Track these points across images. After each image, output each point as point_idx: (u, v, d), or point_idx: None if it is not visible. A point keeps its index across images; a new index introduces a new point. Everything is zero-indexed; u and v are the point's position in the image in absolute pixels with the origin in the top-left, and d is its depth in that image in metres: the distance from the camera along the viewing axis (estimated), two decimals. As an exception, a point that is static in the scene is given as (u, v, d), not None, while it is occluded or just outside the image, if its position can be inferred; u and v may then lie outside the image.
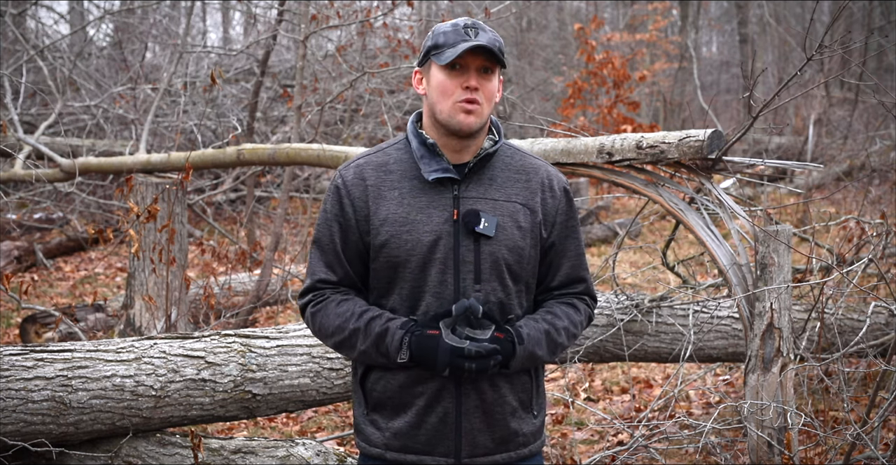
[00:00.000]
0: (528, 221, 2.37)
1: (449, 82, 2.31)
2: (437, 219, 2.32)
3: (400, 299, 2.35)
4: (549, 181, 2.43)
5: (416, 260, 2.31)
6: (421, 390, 2.32)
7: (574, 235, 2.46)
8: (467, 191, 2.35)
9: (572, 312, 2.44)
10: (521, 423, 2.40)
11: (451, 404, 2.32)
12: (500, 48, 2.32)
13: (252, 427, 5.41)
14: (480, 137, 2.38)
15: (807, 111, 14.08)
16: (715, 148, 3.67)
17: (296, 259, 8.46)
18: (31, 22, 12.83)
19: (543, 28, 20.30)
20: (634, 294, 4.51)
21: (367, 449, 2.40)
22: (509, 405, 2.37)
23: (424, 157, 2.36)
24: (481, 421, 2.34)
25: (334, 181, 2.41)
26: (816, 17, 16.72)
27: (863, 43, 12.03)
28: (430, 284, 2.31)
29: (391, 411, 2.36)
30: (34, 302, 7.72)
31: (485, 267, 2.32)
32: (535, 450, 2.44)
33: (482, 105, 2.31)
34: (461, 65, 2.30)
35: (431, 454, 2.34)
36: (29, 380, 3.20)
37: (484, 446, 2.35)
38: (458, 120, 2.30)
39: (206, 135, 10.90)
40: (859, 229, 5.18)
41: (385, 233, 2.33)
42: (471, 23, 2.33)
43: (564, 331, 2.39)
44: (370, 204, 2.35)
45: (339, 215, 2.37)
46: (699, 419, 4.90)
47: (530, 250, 2.38)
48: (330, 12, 8.94)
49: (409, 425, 2.34)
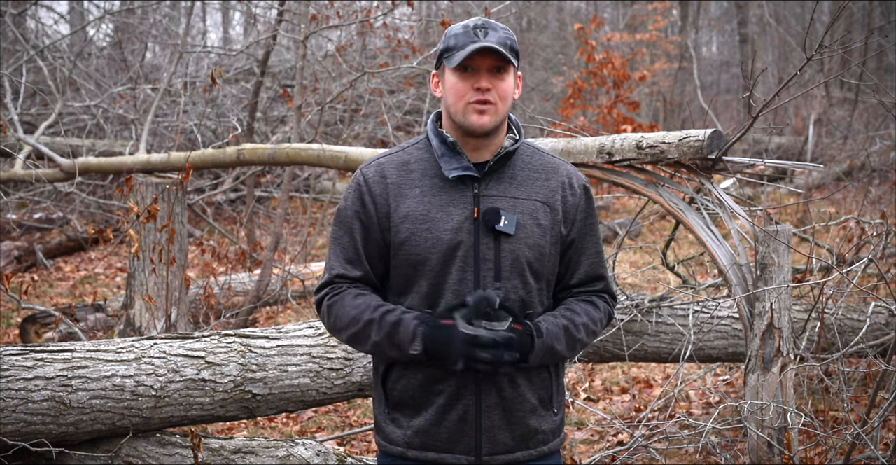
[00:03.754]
0: (547, 219, 2.38)
1: (461, 84, 2.32)
2: (457, 217, 2.33)
3: (419, 297, 2.34)
4: (570, 179, 2.44)
5: (437, 258, 2.31)
6: (441, 388, 2.33)
7: (593, 232, 2.46)
8: (487, 189, 2.36)
9: (591, 309, 2.44)
10: (540, 421, 2.40)
11: (471, 401, 2.33)
12: (511, 46, 2.32)
13: (252, 427, 5.41)
14: (499, 135, 2.39)
15: (807, 111, 14.07)
16: (715, 148, 3.67)
17: (296, 259, 8.46)
18: (31, 22, 12.83)
19: (543, 28, 20.29)
20: (634, 294, 4.51)
21: (388, 448, 2.40)
22: (529, 402, 2.37)
23: (445, 155, 2.36)
24: (501, 419, 2.35)
25: (355, 179, 2.41)
26: (816, 17, 16.71)
27: (863, 43, 12.02)
28: (450, 282, 2.32)
29: (412, 409, 2.36)
30: (34, 302, 7.72)
31: (505, 265, 2.32)
32: (554, 448, 2.45)
33: (496, 104, 2.31)
34: (472, 67, 2.31)
35: (452, 451, 2.34)
36: (29, 380, 3.20)
37: (504, 443, 2.36)
38: (472, 120, 2.31)
39: (206, 135, 10.89)
40: (859, 229, 5.18)
41: (405, 230, 2.33)
42: (481, 23, 2.33)
43: (584, 327, 2.39)
44: (391, 201, 2.35)
45: (360, 212, 2.38)
46: (699, 419, 4.89)
47: (550, 247, 2.38)
48: (330, 12, 8.96)
49: (430, 423, 2.34)
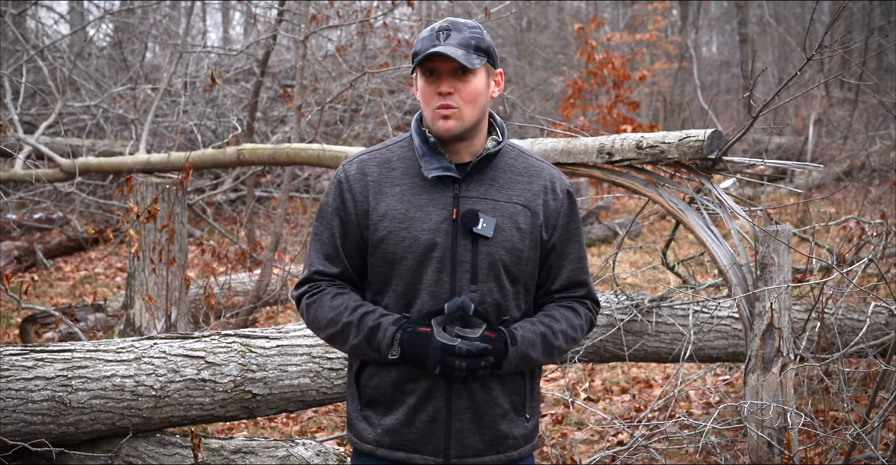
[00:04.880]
0: (528, 223, 2.35)
1: (427, 89, 2.31)
2: (435, 217, 2.32)
3: (395, 296, 2.34)
4: (552, 183, 2.41)
5: (413, 257, 2.31)
6: (413, 387, 2.32)
7: (576, 238, 2.44)
8: (468, 191, 2.34)
9: (572, 315, 2.42)
10: (511, 426, 2.38)
11: (441, 403, 2.31)
12: (476, 45, 2.28)
13: (252, 427, 5.41)
14: (477, 137, 2.36)
15: (807, 111, 14.07)
16: (715, 148, 3.67)
17: (296, 259, 8.46)
18: (31, 22, 12.82)
19: (543, 28, 20.29)
20: (634, 294, 4.51)
21: (359, 445, 2.40)
22: (500, 407, 2.35)
23: (426, 155, 2.35)
24: (471, 422, 2.33)
25: (337, 175, 2.40)
26: (816, 17, 16.71)
27: (863, 43, 12.02)
28: (426, 282, 2.31)
29: (384, 407, 2.36)
30: (34, 302, 7.72)
31: (481, 268, 2.31)
32: (524, 453, 2.42)
33: (460, 108, 2.28)
34: (435, 70, 2.29)
35: (421, 452, 2.33)
36: (29, 380, 3.20)
37: (473, 447, 2.34)
38: (438, 126, 2.30)
39: (206, 135, 10.89)
40: (859, 229, 5.18)
41: (383, 229, 2.32)
42: (446, 25, 2.29)
43: (562, 334, 2.37)
44: (370, 199, 2.34)
45: (339, 209, 2.37)
46: (699, 419, 4.89)
47: (529, 251, 2.36)
48: (330, 12, 8.95)
49: (400, 422, 2.33)
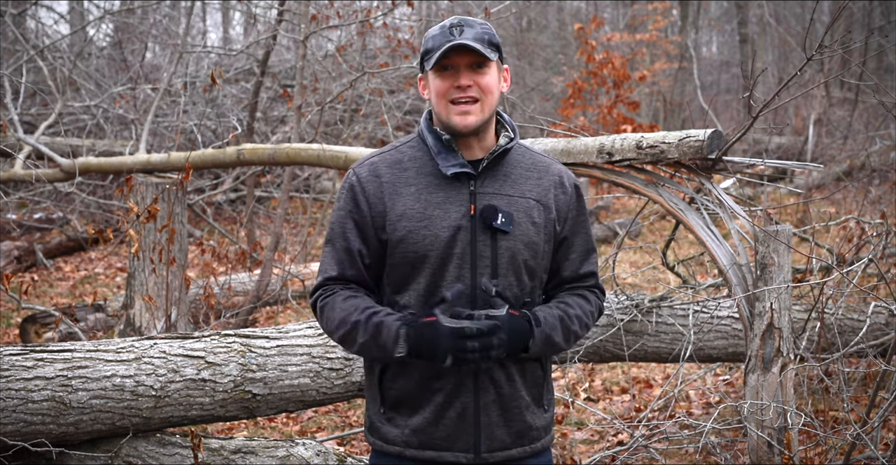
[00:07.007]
0: (541, 217, 2.38)
1: (442, 84, 2.32)
2: (454, 214, 2.33)
3: (416, 295, 2.34)
4: (561, 178, 2.45)
5: (435, 255, 2.31)
6: (439, 385, 2.32)
7: (584, 230, 2.48)
8: (483, 187, 2.36)
9: (584, 302, 2.45)
10: (534, 417, 2.41)
11: (469, 399, 2.33)
12: (489, 41, 2.31)
13: (252, 427, 5.41)
14: (488, 133, 2.39)
15: (807, 111, 14.06)
16: (715, 148, 3.67)
17: (296, 259, 8.46)
18: (31, 22, 12.83)
19: (543, 28, 20.29)
20: (634, 294, 4.51)
21: (385, 447, 2.39)
22: (524, 399, 2.39)
23: (441, 152, 2.36)
24: (498, 416, 2.36)
25: (348, 179, 2.40)
26: (816, 17, 16.70)
27: (863, 43, 12.02)
28: (448, 279, 2.31)
29: (409, 408, 2.36)
30: (34, 302, 7.72)
31: (502, 262, 2.33)
32: (546, 444, 2.46)
33: (480, 101, 2.31)
34: (451, 65, 2.31)
35: (451, 449, 2.34)
36: (29, 380, 3.19)
37: (501, 440, 2.36)
38: (456, 121, 2.32)
39: (206, 135, 10.89)
40: (859, 229, 5.18)
41: (402, 229, 2.32)
42: (457, 21, 2.32)
43: (577, 319, 2.40)
44: (386, 200, 2.35)
45: (353, 212, 2.37)
46: (699, 419, 4.89)
47: (544, 245, 2.39)
48: (330, 12, 8.95)
49: (428, 421, 2.34)
